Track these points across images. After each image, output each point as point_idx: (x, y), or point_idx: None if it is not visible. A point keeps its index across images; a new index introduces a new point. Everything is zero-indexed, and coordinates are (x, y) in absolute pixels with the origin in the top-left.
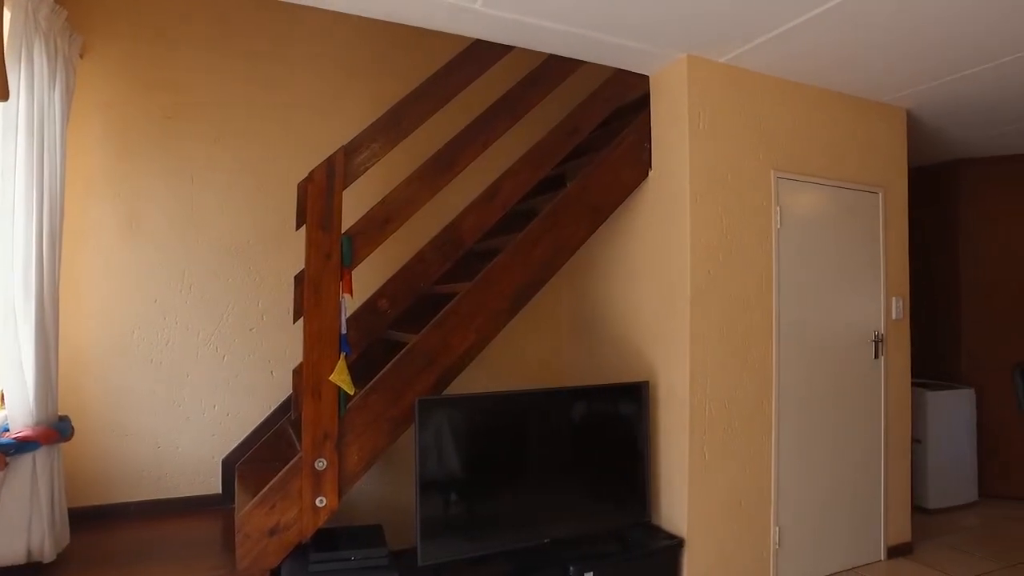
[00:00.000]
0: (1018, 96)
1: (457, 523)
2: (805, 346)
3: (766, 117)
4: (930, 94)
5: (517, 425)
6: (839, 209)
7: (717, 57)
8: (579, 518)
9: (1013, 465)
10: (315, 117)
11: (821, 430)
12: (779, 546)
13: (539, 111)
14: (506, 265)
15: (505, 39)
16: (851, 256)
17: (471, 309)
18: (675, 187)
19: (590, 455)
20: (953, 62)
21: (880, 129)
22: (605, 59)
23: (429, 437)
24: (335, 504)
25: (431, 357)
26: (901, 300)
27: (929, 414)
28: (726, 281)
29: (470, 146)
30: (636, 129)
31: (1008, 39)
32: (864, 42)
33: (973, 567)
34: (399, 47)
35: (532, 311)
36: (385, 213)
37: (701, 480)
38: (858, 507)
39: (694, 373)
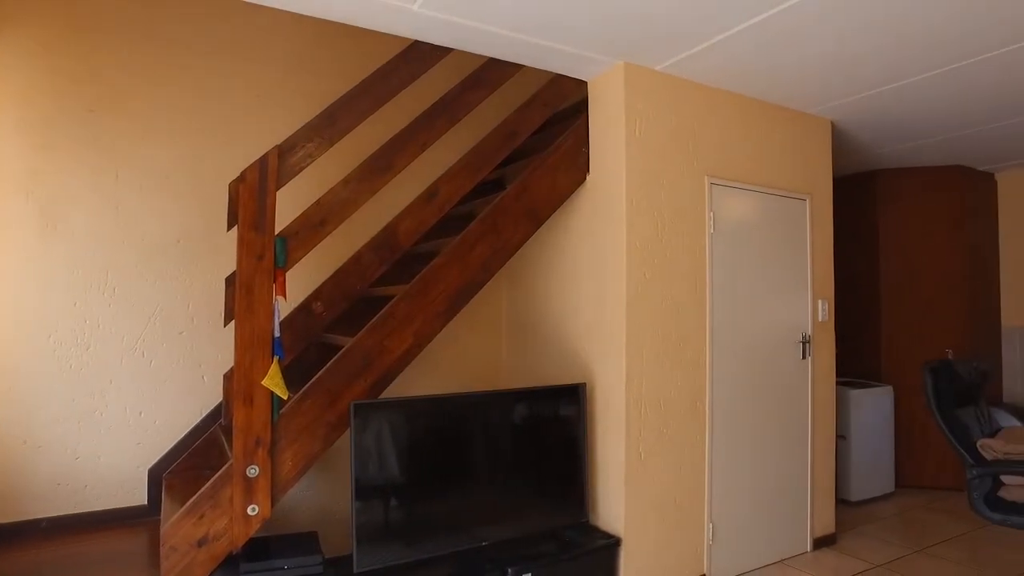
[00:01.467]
0: (928, 113)
1: (395, 528)
2: (737, 347)
3: (700, 125)
4: (852, 107)
5: (455, 428)
6: (769, 215)
7: (653, 65)
8: (518, 520)
9: (926, 457)
10: (249, 114)
11: (752, 428)
12: (712, 541)
13: (478, 114)
14: (444, 268)
15: (443, 41)
16: (780, 260)
17: (408, 312)
18: (612, 192)
19: (529, 457)
20: (872, 78)
21: (807, 139)
22: (544, 64)
23: (365, 441)
24: (268, 512)
25: (367, 360)
26: (826, 303)
27: (852, 411)
28: (661, 284)
29: (408, 147)
30: (574, 133)
31: (918, 60)
32: (792, 56)
33: (890, 553)
34: (337, 45)
35: (472, 313)
36: (321, 214)
37: (637, 479)
38: (787, 501)
39: (630, 374)
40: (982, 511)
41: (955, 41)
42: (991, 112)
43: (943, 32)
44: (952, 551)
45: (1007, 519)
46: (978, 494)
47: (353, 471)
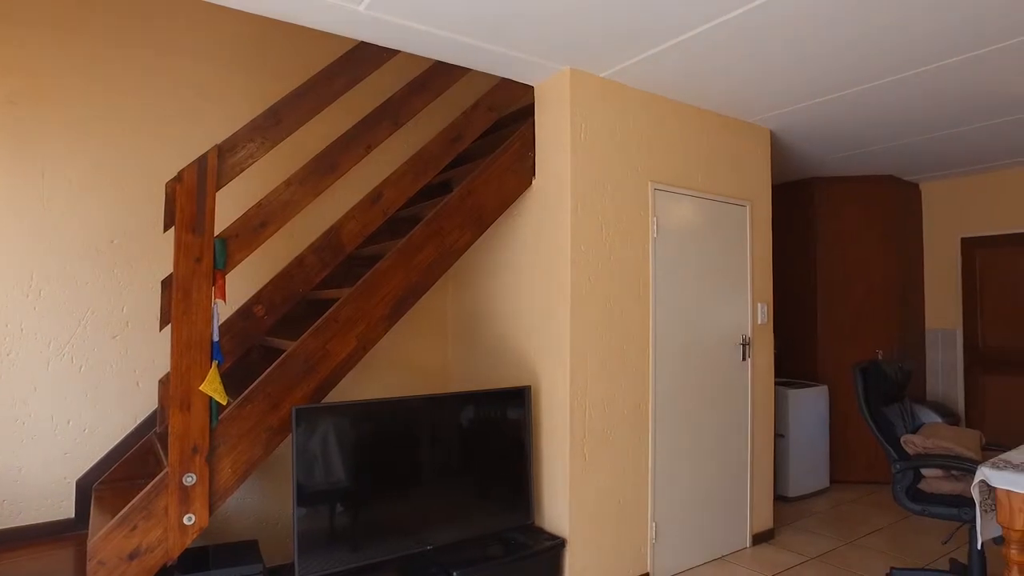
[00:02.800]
0: (858, 125)
1: (338, 534)
2: (679, 349)
3: (644, 131)
4: (790, 117)
5: (400, 432)
6: (710, 220)
7: (598, 72)
8: (464, 523)
9: (857, 454)
10: (187, 110)
11: (694, 428)
12: (655, 540)
13: (424, 117)
14: (388, 271)
15: (389, 43)
16: (721, 264)
17: (352, 315)
18: (557, 195)
19: (475, 460)
20: (807, 91)
21: (748, 146)
22: (490, 68)
23: (308, 446)
24: (205, 521)
25: (310, 364)
26: (766, 306)
27: (790, 410)
28: (605, 288)
29: (352, 149)
30: (521, 137)
31: (849, 75)
32: (732, 66)
33: (823, 546)
34: (281, 43)
35: (418, 317)
36: (262, 216)
37: (581, 480)
38: (727, 499)
39: (574, 377)
40: (904, 503)
41: (883, 57)
42: (916, 125)
43: (872, 48)
44: (878, 541)
45: (926, 509)
46: (901, 487)
47: (295, 477)
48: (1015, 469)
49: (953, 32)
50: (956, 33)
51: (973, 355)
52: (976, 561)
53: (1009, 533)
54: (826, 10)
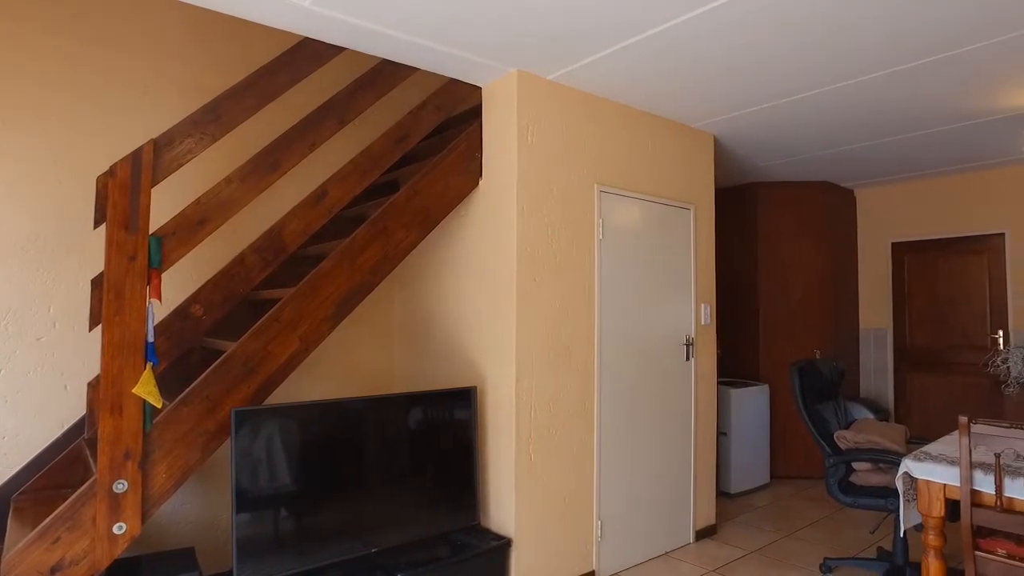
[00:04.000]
0: (797, 132)
1: (280, 539)
2: (624, 349)
3: (591, 134)
4: (732, 123)
5: (343, 434)
6: (655, 222)
7: (546, 74)
8: (410, 525)
9: (796, 450)
10: (119, 103)
11: (639, 427)
12: (601, 538)
13: (370, 115)
14: (332, 270)
15: (336, 40)
16: (666, 266)
17: (294, 315)
18: (504, 197)
19: (420, 461)
20: (747, 97)
21: (692, 151)
22: (438, 68)
23: (248, 449)
24: (137, 529)
25: (251, 366)
26: (709, 307)
27: (732, 409)
28: (550, 289)
29: (296, 147)
30: (468, 138)
31: (787, 82)
32: (675, 71)
33: (763, 539)
34: (220, 36)
35: (363, 317)
36: (201, 213)
37: (527, 480)
38: (671, 496)
39: (520, 377)
40: (836, 495)
41: (818, 68)
42: (850, 134)
43: (808, 60)
44: (814, 533)
45: (856, 501)
46: (833, 480)
47: (233, 481)
48: (934, 460)
49: (883, 47)
50: (886, 48)
51: (901, 354)
52: (899, 548)
53: (927, 520)
54: (765, 22)
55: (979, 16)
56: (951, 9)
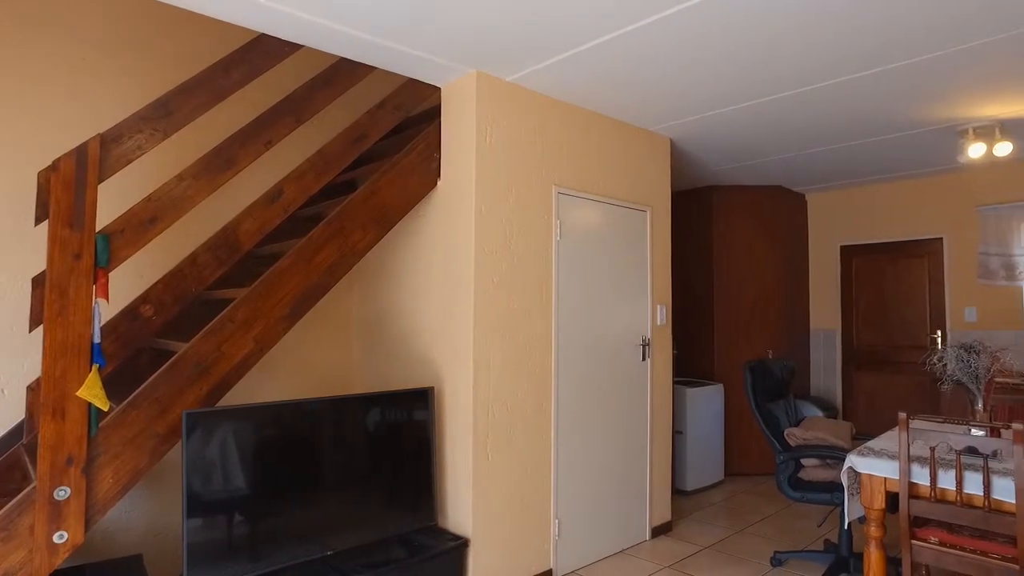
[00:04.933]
0: (750, 136)
1: (233, 543)
2: (581, 350)
3: (549, 135)
4: (688, 127)
5: (299, 435)
6: (612, 224)
7: (505, 75)
8: (367, 526)
9: (750, 447)
10: (59, 95)
11: (595, 426)
12: (558, 537)
13: (328, 114)
14: (287, 270)
15: (292, 37)
16: (622, 267)
17: (249, 315)
18: (462, 197)
19: (378, 462)
20: (703, 102)
21: (648, 154)
22: (397, 67)
23: (200, 452)
24: (80, 538)
25: (204, 367)
26: (664, 307)
27: (688, 408)
28: (508, 290)
29: (251, 145)
30: (426, 138)
31: (742, 88)
32: (632, 76)
33: (717, 535)
34: (169, 28)
35: (320, 317)
36: (151, 211)
37: (485, 480)
38: (628, 495)
39: (477, 377)
40: (786, 491)
41: (771, 74)
42: (802, 139)
43: (761, 65)
44: (765, 528)
45: (805, 496)
46: (783, 476)
47: (185, 485)
48: (876, 455)
49: (831, 57)
50: (833, 58)
51: (849, 353)
52: (844, 539)
53: (869, 512)
54: (719, 29)
55: (913, 32)
56: (890, 24)
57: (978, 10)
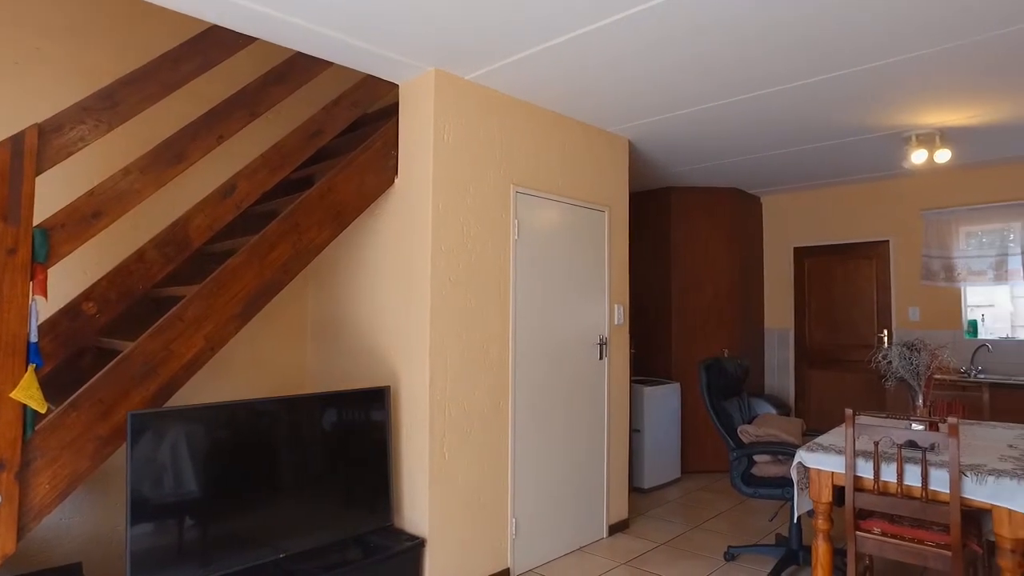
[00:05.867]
0: (707, 139)
1: (182, 549)
2: (539, 349)
3: (508, 135)
4: (647, 128)
5: (252, 436)
6: (570, 224)
7: (464, 74)
8: (322, 528)
9: (706, 445)
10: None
11: (553, 425)
12: (516, 536)
13: (285, 109)
14: (240, 267)
15: (243, 28)
16: (580, 267)
17: (200, 313)
18: (419, 196)
19: (333, 463)
20: (660, 104)
21: (607, 154)
22: (354, 63)
23: (146, 455)
24: (12, 547)
25: (151, 366)
26: (622, 307)
27: (645, 406)
28: (465, 288)
29: (202, 139)
30: (384, 136)
31: (698, 91)
32: (591, 76)
33: (673, 532)
34: (116, 17)
35: (275, 315)
36: (95, 205)
37: (441, 480)
38: (585, 493)
39: (434, 377)
40: (739, 487)
41: (728, 78)
42: (756, 143)
43: (718, 69)
44: (720, 524)
45: (757, 491)
46: (737, 472)
47: (129, 488)
48: (824, 451)
49: (785, 62)
50: (788, 63)
51: (801, 352)
52: (794, 533)
53: (817, 506)
54: (679, 32)
55: (861, 42)
56: (839, 34)
57: (917, 25)
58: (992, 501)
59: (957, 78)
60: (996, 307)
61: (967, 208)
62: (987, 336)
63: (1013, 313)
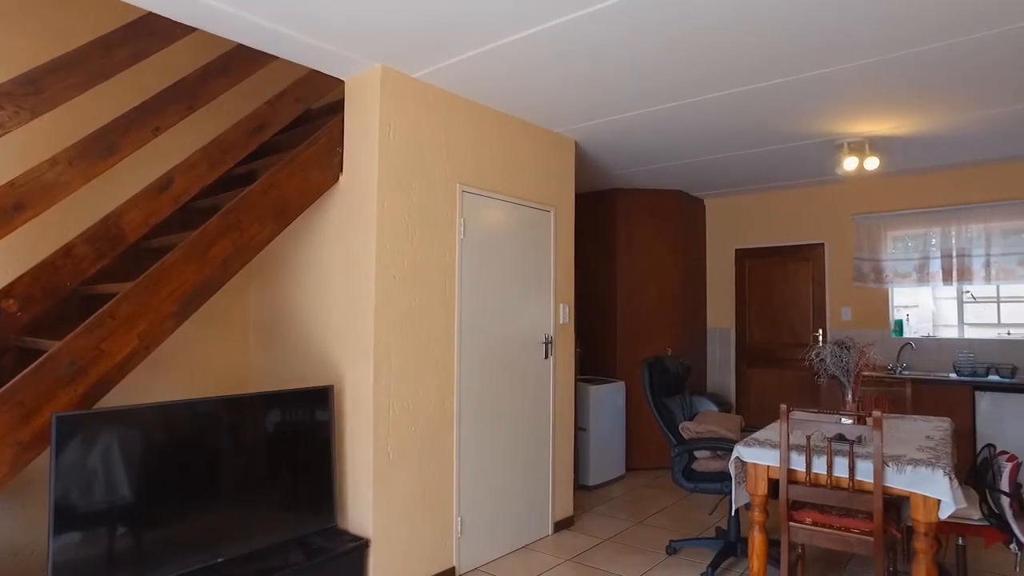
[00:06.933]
0: (652, 142)
1: (113, 558)
2: (484, 348)
3: (454, 133)
4: (593, 130)
5: (190, 438)
6: (516, 223)
7: (410, 72)
8: (264, 531)
9: (649, 442)
10: None
11: (499, 423)
12: (461, 534)
13: (227, 102)
14: (178, 264)
15: (181, 17)
16: (526, 266)
17: (133, 311)
18: (364, 193)
19: (275, 463)
20: (606, 106)
21: (554, 155)
22: (298, 57)
23: (75, 460)
24: None
25: (80, 366)
26: (567, 306)
27: (591, 405)
28: (410, 287)
29: (137, 131)
30: (329, 132)
31: (644, 95)
32: (537, 77)
33: (617, 527)
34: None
35: (216, 314)
36: (16, 197)
37: (386, 480)
38: (530, 491)
39: (378, 375)
40: (680, 482)
41: (672, 82)
42: (699, 147)
43: (663, 73)
44: (662, 519)
45: (697, 486)
46: (678, 468)
47: (52, 496)
48: (760, 445)
49: (725, 67)
50: (726, 70)
51: (742, 350)
52: (733, 526)
53: (754, 498)
54: (624, 35)
55: (795, 50)
56: (775, 41)
57: (840, 42)
58: (910, 488)
59: (880, 91)
60: (920, 307)
61: (894, 214)
62: (911, 335)
63: (935, 313)
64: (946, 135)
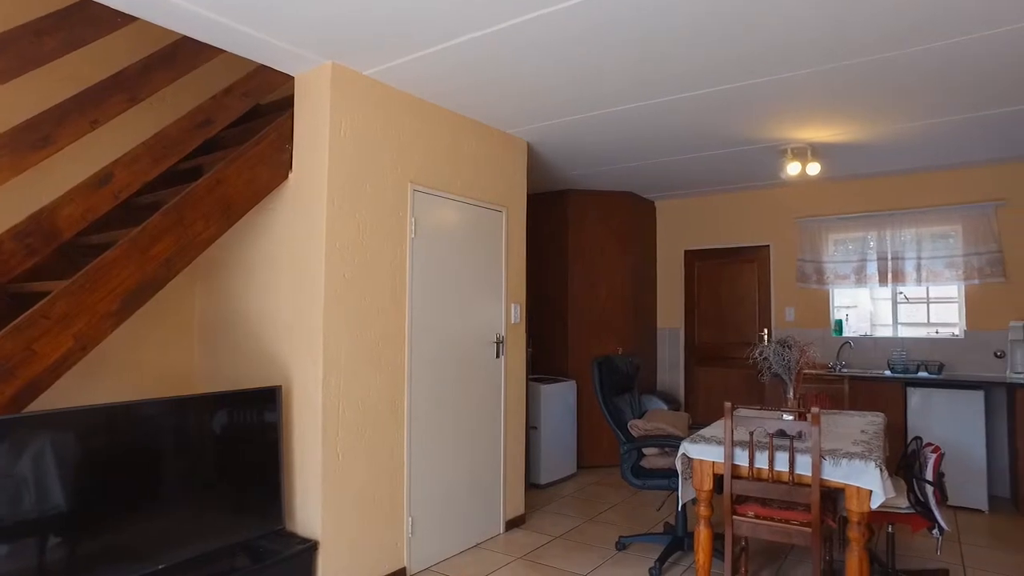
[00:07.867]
0: (602, 144)
1: (42, 569)
2: (435, 347)
3: (406, 132)
4: (544, 131)
5: (130, 441)
6: (468, 223)
7: (362, 69)
8: (208, 535)
9: (600, 440)
10: None
11: (450, 423)
12: (412, 534)
13: (172, 96)
14: (118, 261)
15: (119, 5)
16: (477, 266)
17: (69, 310)
18: (314, 191)
19: (221, 467)
20: (557, 107)
21: (506, 156)
22: (245, 52)
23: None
24: None
25: (8, 368)
26: (519, 306)
27: (543, 404)
28: (360, 286)
29: (73, 122)
30: (278, 128)
31: (595, 97)
32: (489, 78)
33: (568, 525)
34: None
35: (160, 314)
36: None
37: (335, 480)
38: (482, 490)
39: (327, 376)
40: (629, 479)
41: (623, 85)
42: (647, 149)
43: (615, 76)
44: (612, 516)
45: (646, 483)
46: (627, 465)
47: None
48: (706, 442)
49: (673, 71)
50: (676, 72)
51: (691, 350)
52: (680, 521)
53: (700, 494)
54: (574, 37)
55: (743, 56)
56: (722, 47)
57: (779, 51)
58: (845, 480)
59: (818, 99)
60: (859, 308)
61: (835, 217)
62: (850, 334)
63: (872, 313)
64: (882, 143)
